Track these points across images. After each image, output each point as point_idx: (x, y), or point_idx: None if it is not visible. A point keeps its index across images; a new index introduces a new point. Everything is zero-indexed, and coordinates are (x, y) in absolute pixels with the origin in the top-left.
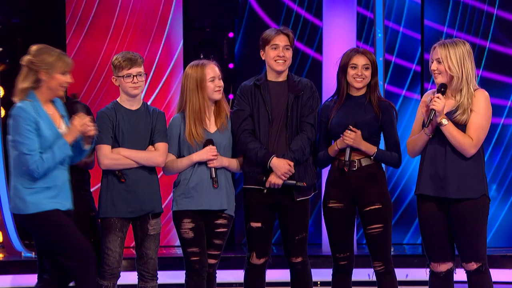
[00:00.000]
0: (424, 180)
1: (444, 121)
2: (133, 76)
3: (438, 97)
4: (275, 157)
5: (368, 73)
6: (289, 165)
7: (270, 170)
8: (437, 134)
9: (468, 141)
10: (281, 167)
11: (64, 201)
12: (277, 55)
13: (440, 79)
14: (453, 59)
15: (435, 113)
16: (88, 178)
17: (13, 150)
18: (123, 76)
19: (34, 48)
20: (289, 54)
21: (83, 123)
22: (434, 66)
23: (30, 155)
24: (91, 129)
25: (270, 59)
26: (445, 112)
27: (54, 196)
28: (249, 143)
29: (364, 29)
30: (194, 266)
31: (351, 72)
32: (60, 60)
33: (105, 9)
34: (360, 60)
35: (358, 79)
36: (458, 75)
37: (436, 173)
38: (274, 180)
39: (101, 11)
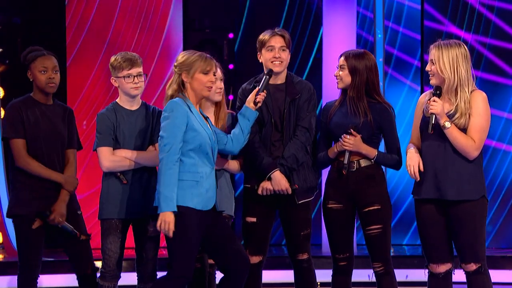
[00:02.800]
0: (423, 184)
1: (447, 124)
2: (134, 76)
3: (434, 100)
4: (278, 171)
5: (343, 74)
6: (288, 185)
7: (268, 179)
8: (435, 137)
9: (471, 144)
10: (280, 184)
11: None
12: (273, 56)
13: (434, 81)
14: (445, 61)
15: (435, 116)
16: None
17: None
18: (123, 77)
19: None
20: (285, 55)
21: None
22: (428, 67)
23: None
24: None
25: (266, 61)
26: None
27: None
28: (255, 148)
29: (364, 29)
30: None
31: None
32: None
33: (105, 9)
34: (339, 61)
35: (336, 79)
36: (450, 78)
37: (435, 176)
38: (267, 185)
39: (101, 11)
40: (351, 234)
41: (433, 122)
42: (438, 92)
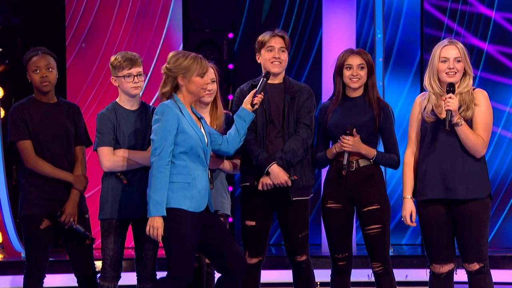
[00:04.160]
0: (430, 184)
1: (460, 122)
2: (134, 76)
3: (450, 97)
4: (275, 165)
5: (363, 73)
6: (287, 177)
7: (266, 173)
8: (440, 137)
9: (481, 141)
10: (279, 177)
11: None
12: (273, 56)
13: (455, 78)
14: (467, 57)
15: (451, 113)
16: None
17: None
18: (123, 76)
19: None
20: (284, 56)
21: None
22: (451, 64)
23: None
24: None
25: (266, 61)
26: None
27: None
28: (250, 145)
29: (364, 29)
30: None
31: (346, 73)
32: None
33: (105, 10)
34: (355, 60)
35: (354, 79)
36: (470, 73)
37: (443, 176)
38: (266, 180)
39: (100, 12)
40: (350, 234)
41: (449, 119)
42: (452, 89)
